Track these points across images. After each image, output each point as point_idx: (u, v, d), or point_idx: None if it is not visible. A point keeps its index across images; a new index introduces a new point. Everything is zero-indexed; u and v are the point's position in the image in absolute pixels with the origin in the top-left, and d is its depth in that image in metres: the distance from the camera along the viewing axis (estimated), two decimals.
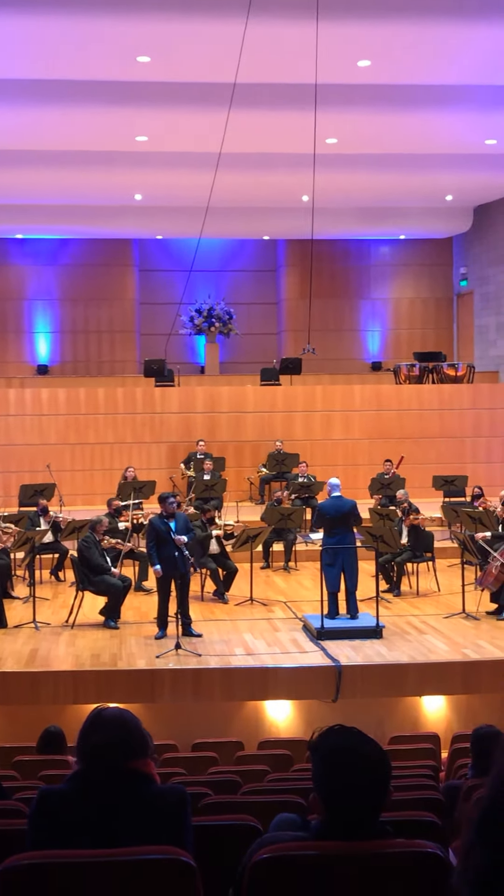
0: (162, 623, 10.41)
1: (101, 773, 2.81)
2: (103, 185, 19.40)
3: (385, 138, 16.73)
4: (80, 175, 18.52)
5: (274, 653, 9.71)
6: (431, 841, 2.65)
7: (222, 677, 9.22)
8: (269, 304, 25.59)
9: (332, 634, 10.12)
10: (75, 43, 12.43)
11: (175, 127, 15.78)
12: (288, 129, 15.59)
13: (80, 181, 19.01)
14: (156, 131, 16.08)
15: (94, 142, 16.59)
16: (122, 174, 18.60)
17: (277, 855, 2.54)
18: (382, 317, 25.40)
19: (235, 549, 12.37)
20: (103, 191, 19.94)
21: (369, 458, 17.87)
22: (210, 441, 17.60)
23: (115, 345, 24.61)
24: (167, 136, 16.30)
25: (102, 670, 9.24)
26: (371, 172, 18.86)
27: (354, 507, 10.87)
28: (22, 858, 2.62)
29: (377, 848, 2.51)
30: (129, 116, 15.28)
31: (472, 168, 18.66)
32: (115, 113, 15.08)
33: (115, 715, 2.88)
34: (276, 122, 15.51)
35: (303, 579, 13.64)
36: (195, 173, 17.41)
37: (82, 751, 2.87)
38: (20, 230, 23.02)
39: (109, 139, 16.48)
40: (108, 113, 15.06)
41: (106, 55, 12.85)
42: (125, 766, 2.81)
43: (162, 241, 24.94)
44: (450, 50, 12.91)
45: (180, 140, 16.47)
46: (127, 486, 15.06)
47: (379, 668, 9.32)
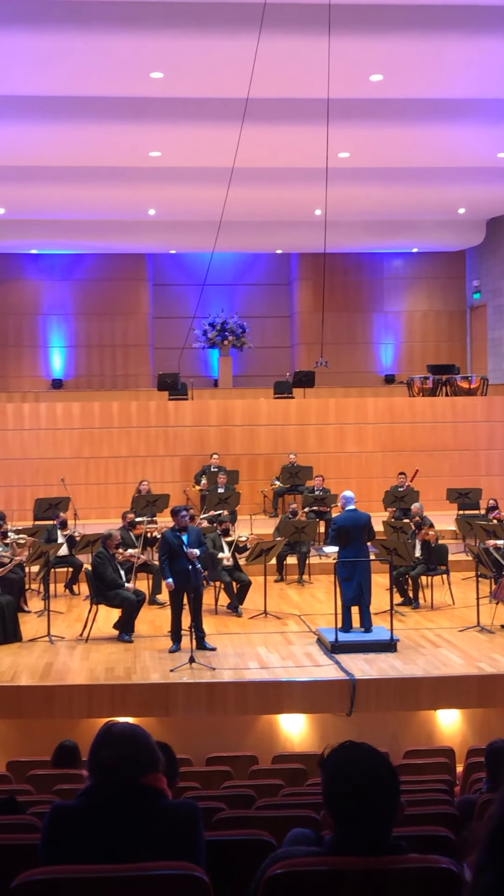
0: (176, 637, 10.39)
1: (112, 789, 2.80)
2: (117, 200, 19.50)
3: (397, 152, 16.75)
4: (94, 190, 18.61)
5: (288, 666, 9.68)
6: (446, 856, 2.62)
7: (236, 691, 9.19)
8: (283, 318, 25.62)
9: (346, 648, 10.08)
10: (89, 59, 12.51)
11: (188, 142, 15.84)
12: (300, 144, 15.63)
13: (93, 196, 19.10)
14: (169, 146, 16.15)
15: (108, 157, 16.68)
16: (135, 189, 18.68)
17: (291, 870, 2.52)
18: (395, 330, 25.39)
19: (249, 562, 12.35)
20: (117, 206, 20.04)
21: (382, 471, 17.83)
22: (224, 454, 17.60)
23: (128, 359, 24.67)
24: (180, 151, 16.37)
25: (117, 684, 9.23)
26: (383, 186, 18.89)
27: (369, 521, 10.85)
28: (35, 874, 2.61)
29: (390, 863, 2.49)
30: (143, 132, 15.36)
31: (485, 181, 18.68)
32: (129, 129, 15.16)
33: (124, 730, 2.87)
34: (288, 137, 15.56)
35: (317, 592, 13.60)
36: (208, 188, 17.47)
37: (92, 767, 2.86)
38: (35, 245, 23.14)
39: (123, 155, 16.56)
40: (122, 129, 15.14)
41: (119, 71, 12.93)
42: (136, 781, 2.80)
43: (175, 256, 25.02)
44: (462, 63, 12.94)
45: (193, 155, 16.54)
46: (141, 499, 15.07)
47: (393, 682, 9.28)
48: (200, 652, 10.05)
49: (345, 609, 10.63)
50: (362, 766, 2.52)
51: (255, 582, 12.47)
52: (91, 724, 8.94)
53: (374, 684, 9.23)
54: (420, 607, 12.42)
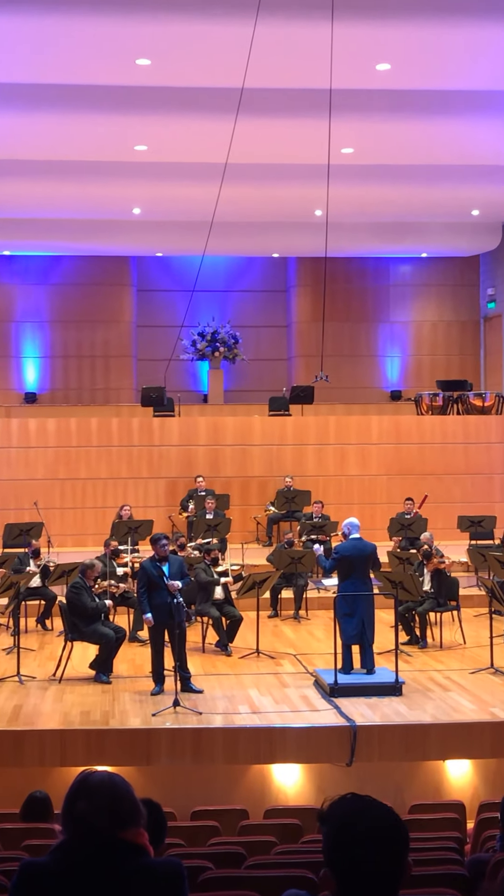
0: (158, 678, 10.37)
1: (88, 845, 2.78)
2: (99, 197, 19.56)
3: (405, 148, 16.85)
4: (73, 187, 18.68)
5: (282, 711, 9.66)
6: None
7: (225, 738, 9.17)
8: (279, 328, 25.68)
9: (346, 691, 10.07)
10: (69, 44, 12.58)
11: (177, 135, 15.92)
12: (300, 138, 15.72)
13: (73, 193, 19.16)
14: (156, 140, 16.23)
15: (89, 151, 16.74)
16: (119, 186, 18.75)
17: None
18: (402, 341, 25.46)
19: (240, 596, 12.34)
20: (98, 204, 20.10)
21: (388, 496, 17.84)
22: (213, 477, 17.60)
23: (109, 371, 24.69)
24: (168, 144, 16.45)
25: (93, 729, 9.20)
26: (390, 185, 18.99)
27: (375, 552, 10.85)
28: None
29: None
30: (128, 124, 15.43)
31: (501, 181, 18.78)
32: (113, 120, 15.24)
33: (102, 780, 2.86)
34: (287, 131, 15.65)
35: (314, 629, 13.57)
36: (199, 185, 17.55)
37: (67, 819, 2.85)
38: (8, 246, 23.20)
39: (105, 148, 16.63)
40: (105, 120, 15.21)
41: (102, 57, 13.00)
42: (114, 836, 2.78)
43: (162, 259, 25.09)
44: (476, 52, 13.04)
45: (183, 149, 16.62)
46: (121, 525, 15.06)
47: (398, 729, 9.26)
48: (185, 694, 10.02)
49: (345, 648, 10.61)
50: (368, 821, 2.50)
51: (247, 618, 12.44)
52: (64, 774, 8.90)
53: (376, 731, 9.20)
54: (428, 647, 12.40)
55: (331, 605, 11.34)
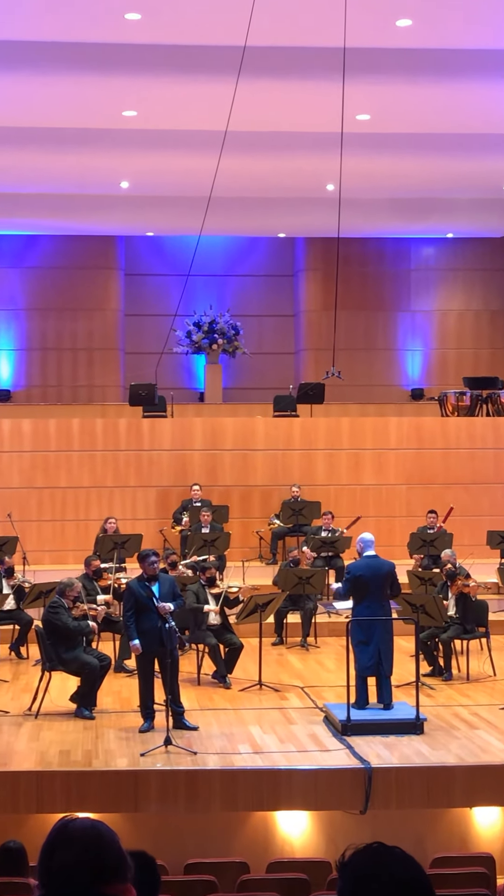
0: (147, 713, 10.36)
1: None
2: (82, 169, 19.57)
3: (429, 114, 16.87)
4: (52, 158, 18.69)
5: (288, 751, 9.65)
6: None
7: (223, 781, 9.16)
8: (285, 317, 25.69)
9: (360, 729, 10.05)
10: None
11: (171, 99, 15.94)
12: (310, 103, 15.74)
13: (52, 165, 19.17)
14: (147, 105, 16.24)
15: (71, 117, 16.75)
16: (105, 157, 18.77)
17: None
18: (425, 333, 25.47)
19: (240, 621, 12.33)
20: (82, 177, 20.11)
21: (408, 509, 17.82)
22: (210, 485, 17.60)
23: (93, 365, 24.70)
24: (161, 110, 16.46)
25: (73, 771, 9.19)
26: (412, 156, 19.00)
27: (393, 571, 10.84)
28: None
29: None
30: (115, 86, 15.45)
31: None
32: (98, 82, 15.25)
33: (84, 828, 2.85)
34: (295, 95, 15.66)
35: (325, 659, 13.57)
36: (195, 156, 17.56)
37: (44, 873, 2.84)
38: None
39: (90, 114, 16.65)
40: (89, 82, 15.23)
41: (86, 11, 13.02)
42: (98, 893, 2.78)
43: (153, 239, 25.11)
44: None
45: (177, 115, 16.63)
46: (106, 540, 15.05)
47: (419, 772, 9.25)
48: (178, 732, 10.01)
49: (359, 680, 10.60)
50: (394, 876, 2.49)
51: (248, 645, 12.43)
52: (41, 821, 8.90)
53: (394, 774, 9.20)
54: (453, 679, 12.39)
55: (343, 632, 11.33)
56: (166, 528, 17.21)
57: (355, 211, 20.62)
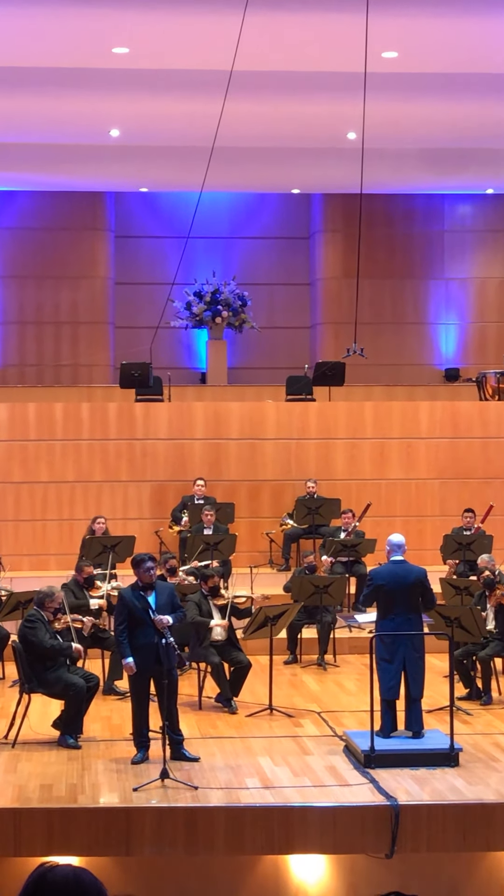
0: (141, 741, 10.37)
1: None
2: (65, 116, 19.53)
3: (465, 51, 16.80)
4: (32, 102, 18.65)
5: (302, 786, 9.66)
6: None
7: (228, 820, 9.17)
8: (300, 286, 25.66)
9: (385, 760, 10.05)
10: None
11: (168, 34, 15.90)
12: (328, 38, 15.69)
13: (32, 110, 19.14)
14: (141, 40, 16.20)
15: (53, 55, 16.72)
16: (92, 100, 18.72)
17: None
18: (460, 304, 25.42)
19: (248, 636, 12.34)
20: (65, 124, 20.07)
21: (441, 507, 17.81)
22: (214, 480, 17.59)
23: (78, 341, 24.69)
24: (157, 46, 16.42)
25: (56, 808, 9.20)
26: (445, 99, 18.93)
27: (423, 578, 10.82)
28: None
29: None
30: (104, 19, 15.41)
31: None
32: (84, 14, 15.22)
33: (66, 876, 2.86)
34: (311, 28, 15.62)
35: (344, 680, 13.58)
36: (196, 100, 17.53)
37: None
38: None
39: (75, 51, 16.61)
40: (74, 14, 15.20)
41: None
42: None
43: (147, 196, 25.08)
44: None
45: (175, 52, 16.58)
46: (94, 543, 15.05)
47: (453, 810, 9.26)
48: (177, 763, 10.03)
49: (384, 705, 10.60)
50: None
51: (257, 664, 12.45)
52: (19, 866, 8.92)
53: (425, 813, 9.20)
54: (493, 703, 12.40)
55: (366, 649, 11.33)
56: (163, 529, 17.21)
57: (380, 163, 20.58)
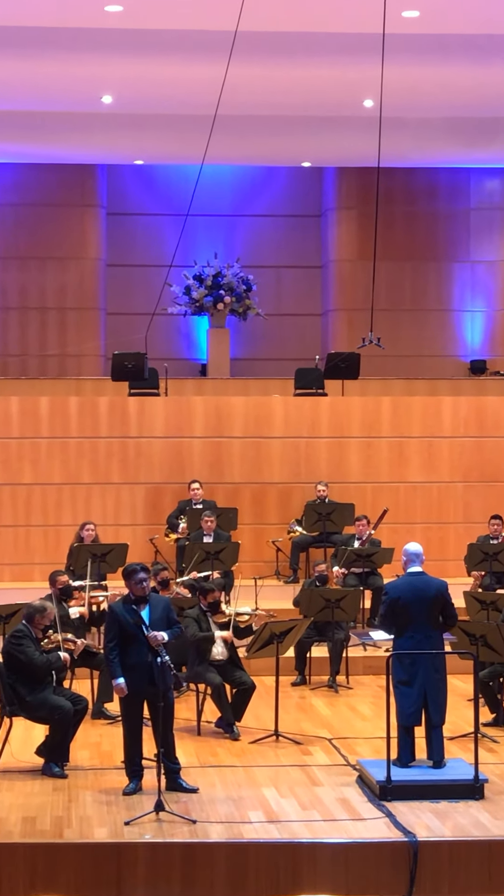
0: (133, 770, 10.38)
1: None
2: (53, 80, 19.54)
3: (492, 10, 16.79)
4: (15, 65, 18.65)
5: (312, 820, 9.66)
6: None
7: (229, 857, 9.17)
8: (311, 269, 25.65)
9: (403, 792, 10.05)
10: None
11: None
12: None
13: (15, 74, 19.14)
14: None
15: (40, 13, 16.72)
16: (82, 64, 18.72)
17: None
18: (488, 290, 25.40)
19: (252, 655, 12.34)
20: (52, 90, 20.08)
21: (465, 513, 17.81)
22: (215, 483, 17.60)
23: (66, 329, 24.69)
24: (153, 4, 16.43)
25: (40, 843, 9.20)
26: (471, 64, 18.91)
27: (444, 592, 10.81)
28: None
29: None
30: None
31: None
32: None
33: None
34: None
35: (358, 704, 13.58)
36: (197, 63, 17.53)
37: None
38: None
39: (63, 9, 16.61)
40: None
41: None
42: None
43: (143, 169, 25.07)
44: None
45: (174, 11, 16.58)
46: (82, 551, 15.06)
47: (479, 847, 9.25)
48: (173, 795, 10.03)
49: (402, 731, 10.60)
50: None
51: (262, 685, 12.45)
52: None
53: (447, 850, 9.20)
54: None
55: (382, 670, 11.33)
56: (159, 537, 17.22)
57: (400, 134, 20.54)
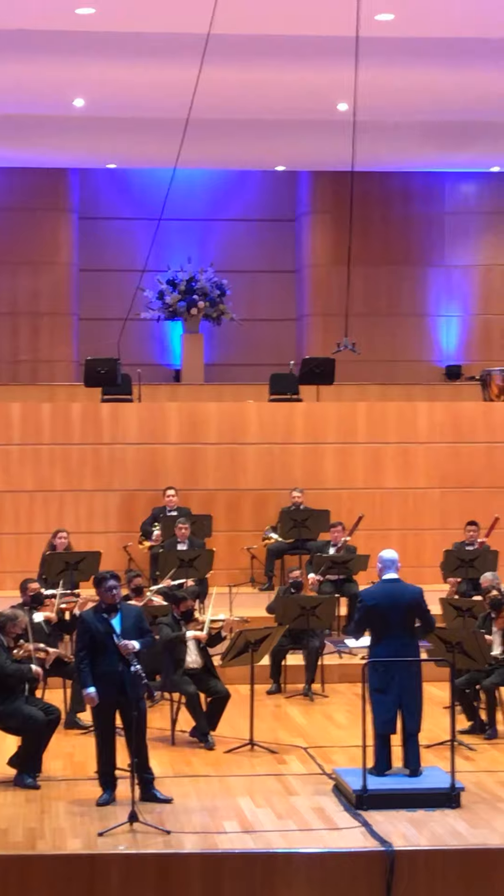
0: (106, 781, 10.35)
1: None
2: (24, 83, 19.50)
3: (467, 13, 16.81)
4: None
5: (287, 830, 9.64)
6: None
7: (204, 868, 9.15)
8: (286, 274, 25.65)
9: (379, 801, 10.04)
10: None
11: None
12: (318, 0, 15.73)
13: None
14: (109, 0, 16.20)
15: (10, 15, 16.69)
16: (53, 66, 18.69)
17: None
18: (464, 294, 25.45)
19: (227, 663, 12.32)
20: (24, 92, 20.03)
21: (441, 519, 17.82)
22: (189, 489, 17.58)
23: (38, 334, 24.63)
24: (126, 6, 16.41)
25: (12, 855, 9.17)
26: (446, 67, 18.95)
27: (420, 599, 10.82)
28: None
29: None
30: None
31: None
32: None
33: None
34: None
35: (334, 712, 13.57)
36: (170, 66, 17.51)
37: None
38: None
39: (35, 11, 16.58)
40: None
41: None
42: None
43: (115, 173, 25.04)
44: None
45: (147, 13, 16.57)
46: (55, 559, 15.02)
47: (455, 856, 9.25)
48: (147, 805, 10.01)
49: (378, 739, 10.60)
50: None
51: (236, 694, 12.44)
52: None
53: (423, 858, 9.20)
54: (498, 737, 12.41)
55: (358, 678, 11.33)
56: (132, 545, 17.18)
57: (374, 138, 20.57)
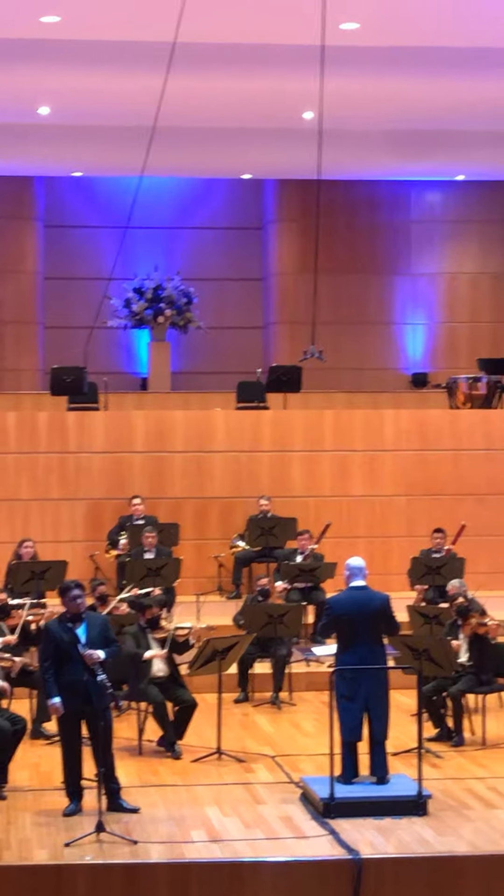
0: (73, 791, 10.33)
1: None
2: None
3: (433, 23, 16.86)
4: None
5: (254, 838, 9.63)
6: None
7: (171, 877, 9.13)
8: (252, 282, 25.66)
9: (347, 809, 10.04)
10: None
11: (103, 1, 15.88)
12: (283, 8, 15.71)
13: None
14: (73, 8, 16.19)
15: None
16: (18, 74, 18.67)
17: None
18: (429, 302, 25.51)
19: (194, 672, 12.31)
20: None
21: (408, 527, 17.84)
22: (156, 498, 17.56)
23: (4, 343, 24.59)
24: (91, 14, 16.40)
25: None
26: (412, 76, 18.99)
27: (387, 605, 10.84)
28: None
29: None
30: None
31: None
32: None
33: None
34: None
35: (301, 720, 13.57)
36: (135, 74, 17.51)
37: None
38: None
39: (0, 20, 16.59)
40: None
41: None
42: None
43: (81, 182, 25.02)
44: None
45: (112, 22, 16.57)
46: (21, 568, 14.98)
47: (422, 863, 9.26)
48: (114, 815, 10.00)
49: (345, 747, 10.60)
50: None
51: (203, 703, 12.42)
52: None
53: (390, 867, 9.20)
54: (465, 744, 12.44)
55: (325, 686, 11.34)
56: (99, 553, 17.15)
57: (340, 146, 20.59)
